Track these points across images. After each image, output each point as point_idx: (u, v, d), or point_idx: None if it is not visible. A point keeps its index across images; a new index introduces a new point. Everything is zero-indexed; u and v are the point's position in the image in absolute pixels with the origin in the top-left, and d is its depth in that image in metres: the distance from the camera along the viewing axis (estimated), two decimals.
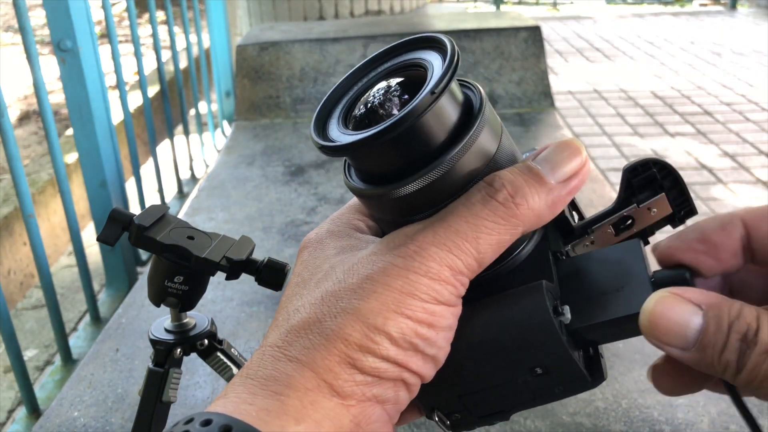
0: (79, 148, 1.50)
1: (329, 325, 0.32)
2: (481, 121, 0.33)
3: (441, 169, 0.32)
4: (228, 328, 1.11)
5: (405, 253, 0.32)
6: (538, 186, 0.33)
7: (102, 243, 0.58)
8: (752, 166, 3.02)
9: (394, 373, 0.32)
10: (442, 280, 0.32)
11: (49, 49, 4.27)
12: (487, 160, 0.33)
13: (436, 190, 0.33)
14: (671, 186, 0.37)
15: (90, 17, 1.44)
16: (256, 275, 0.60)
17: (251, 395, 0.31)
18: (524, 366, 0.34)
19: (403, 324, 0.31)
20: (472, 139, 0.33)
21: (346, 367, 0.31)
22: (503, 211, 0.32)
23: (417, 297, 0.32)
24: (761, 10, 6.61)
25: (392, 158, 0.33)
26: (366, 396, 0.32)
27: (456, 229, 0.32)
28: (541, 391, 0.35)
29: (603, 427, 0.88)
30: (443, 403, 0.36)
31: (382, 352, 0.31)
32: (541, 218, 0.33)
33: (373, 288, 0.32)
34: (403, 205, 0.34)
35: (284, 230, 1.46)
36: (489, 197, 0.32)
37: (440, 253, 0.32)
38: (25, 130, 3.42)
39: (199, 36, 2.37)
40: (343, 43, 2.16)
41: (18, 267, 2.11)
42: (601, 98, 4.00)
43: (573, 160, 0.33)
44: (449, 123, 0.33)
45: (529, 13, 5.78)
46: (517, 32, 2.18)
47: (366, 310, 0.32)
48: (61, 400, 0.97)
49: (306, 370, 0.31)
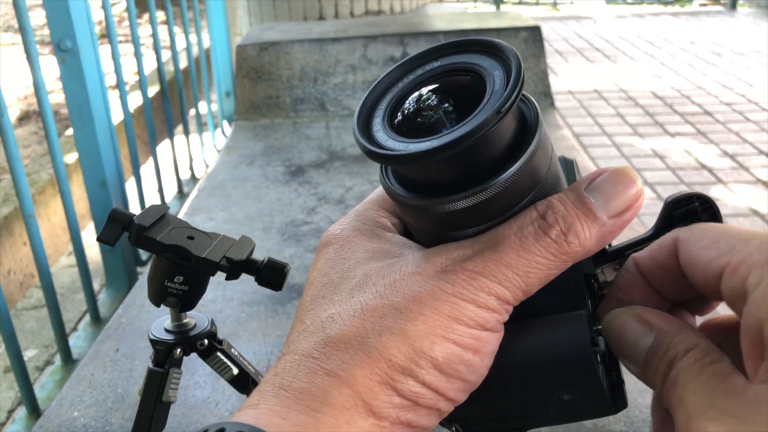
0: (79, 148, 1.50)
1: (373, 343, 0.31)
2: (537, 142, 0.32)
3: (495, 189, 0.31)
4: (228, 328, 1.11)
5: (454, 280, 0.32)
6: (590, 222, 0.32)
7: (102, 243, 0.58)
8: (752, 166, 3.02)
9: (431, 400, 0.32)
10: (490, 308, 0.32)
11: (49, 49, 4.27)
12: (538, 180, 0.33)
13: (486, 209, 0.32)
14: (708, 220, 0.36)
15: (90, 17, 1.44)
16: (256, 275, 0.60)
17: (285, 408, 0.30)
18: (554, 392, 0.34)
19: (450, 349, 0.31)
20: (529, 161, 0.32)
21: (385, 388, 0.31)
22: (555, 249, 0.32)
23: (464, 323, 0.31)
24: (761, 10, 6.61)
25: (444, 172, 0.32)
26: (400, 420, 0.31)
27: (507, 262, 0.31)
28: (563, 414, 0.35)
29: (603, 427, 0.88)
30: (463, 417, 0.36)
31: (424, 377, 0.31)
32: (589, 253, 0.33)
33: (421, 311, 0.31)
34: (447, 219, 0.33)
35: (284, 230, 1.46)
36: (542, 233, 0.32)
37: (489, 284, 0.31)
38: (25, 130, 3.42)
39: (199, 36, 2.37)
40: (343, 43, 2.16)
41: (18, 267, 2.11)
42: (601, 98, 4.00)
43: (628, 193, 0.32)
44: (507, 140, 0.32)
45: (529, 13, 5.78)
46: (517, 32, 2.18)
47: (413, 333, 0.31)
48: (61, 400, 0.97)
49: (344, 387, 0.30)
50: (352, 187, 1.65)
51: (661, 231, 0.36)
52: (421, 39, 2.16)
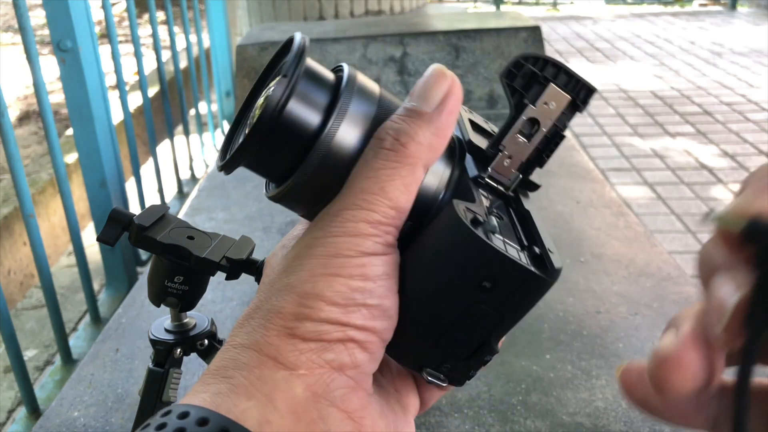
0: (79, 148, 1.50)
1: (266, 307, 0.33)
2: (343, 94, 0.34)
3: (321, 148, 0.33)
4: (228, 328, 1.11)
5: (321, 224, 0.34)
6: (418, 120, 0.34)
7: (102, 243, 0.58)
8: (752, 166, 3.02)
9: (338, 333, 0.32)
10: (362, 234, 0.33)
11: (49, 49, 4.27)
12: (369, 121, 0.34)
13: (330, 167, 0.34)
14: (556, 73, 0.36)
15: (90, 17, 1.44)
16: (256, 275, 0.60)
17: (205, 385, 0.32)
18: (471, 286, 0.33)
19: (334, 282, 0.32)
20: (342, 111, 0.34)
21: (286, 338, 0.32)
22: (394, 155, 0.33)
23: (341, 255, 0.33)
24: (761, 10, 6.61)
25: (279, 155, 0.34)
26: (316, 363, 0.32)
27: (361, 187, 0.33)
28: (503, 306, 0.34)
29: (603, 427, 0.88)
30: (426, 358, 0.36)
31: (320, 315, 0.32)
32: (433, 148, 0.34)
33: (300, 262, 0.33)
34: (309, 194, 0.35)
35: (284, 230, 1.45)
36: (378, 149, 0.34)
37: (351, 212, 0.33)
38: (25, 130, 3.42)
39: (199, 36, 2.37)
40: (343, 43, 2.16)
41: (18, 267, 2.11)
42: (601, 98, 4.00)
43: (441, 83, 0.35)
44: (319, 105, 0.34)
45: (529, 13, 5.79)
46: (517, 32, 2.18)
47: (296, 281, 0.33)
48: (61, 400, 0.97)
49: (248, 350, 0.32)
50: None
51: (516, 108, 0.37)
52: (421, 39, 2.15)
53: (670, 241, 2.44)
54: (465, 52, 2.16)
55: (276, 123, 0.33)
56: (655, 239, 1.40)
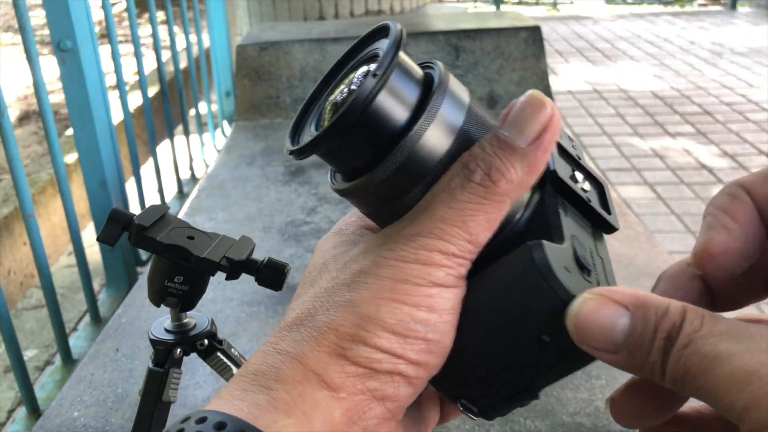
0: (79, 148, 1.50)
1: (321, 318, 0.32)
2: (436, 95, 0.32)
3: (406, 148, 0.32)
4: (228, 328, 1.11)
5: (394, 246, 0.32)
6: (510, 155, 0.32)
7: (102, 243, 0.58)
8: (752, 166, 3.02)
9: (388, 364, 0.31)
10: (435, 263, 0.31)
11: (49, 49, 4.27)
12: (454, 132, 0.33)
13: (409, 171, 0.32)
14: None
15: (90, 17, 1.44)
16: (256, 275, 0.60)
17: (243, 392, 0.31)
18: (531, 336, 0.31)
19: (398, 309, 0.31)
20: (432, 112, 0.32)
21: (336, 358, 0.31)
22: (483, 191, 0.31)
23: (410, 282, 0.31)
24: (761, 10, 6.61)
25: (358, 149, 0.33)
26: (359, 389, 0.31)
27: (441, 216, 0.32)
28: (556, 359, 0.32)
29: (603, 427, 0.88)
30: (465, 391, 0.34)
31: (375, 341, 0.31)
32: (523, 185, 0.32)
33: (365, 280, 0.32)
34: (381, 193, 0.33)
35: (284, 230, 1.45)
36: (467, 180, 0.32)
37: (428, 241, 0.31)
38: (25, 130, 3.42)
39: (199, 36, 2.37)
40: (343, 43, 2.16)
41: (18, 267, 2.11)
42: (601, 98, 4.00)
43: (539, 114, 0.32)
44: (408, 102, 0.32)
45: (529, 13, 5.79)
46: (517, 32, 2.18)
47: (358, 300, 0.31)
48: (61, 400, 0.97)
49: (294, 362, 0.31)
50: None
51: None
52: (421, 39, 2.15)
53: (670, 241, 2.44)
54: (465, 52, 2.16)
55: (363, 115, 0.31)
56: (655, 239, 1.40)
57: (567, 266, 0.31)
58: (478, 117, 0.34)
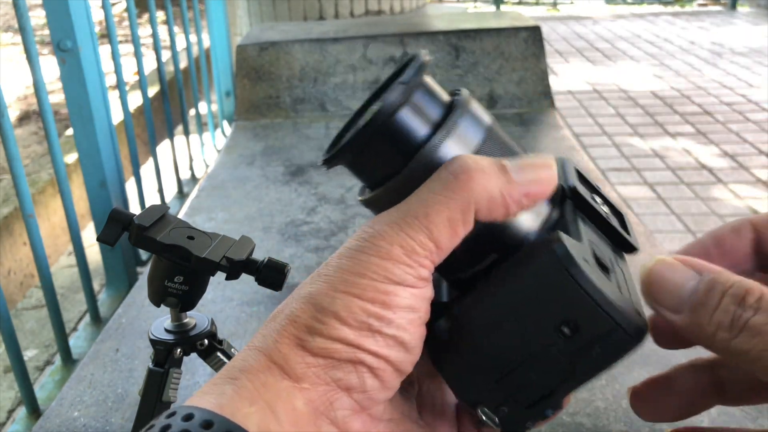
0: (79, 148, 1.50)
1: (285, 311, 0.33)
2: (456, 112, 0.34)
3: (422, 158, 0.33)
4: (228, 328, 1.11)
5: (360, 236, 0.33)
6: (497, 172, 0.32)
7: (102, 243, 0.58)
8: (752, 166, 3.02)
9: (348, 353, 0.31)
10: (394, 259, 0.31)
11: (49, 49, 4.27)
12: (472, 149, 0.34)
13: (411, 184, 0.33)
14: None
15: (90, 17, 1.44)
16: (256, 275, 0.60)
17: (212, 386, 0.32)
18: (548, 327, 0.31)
19: (351, 303, 0.31)
20: (451, 127, 0.33)
21: (295, 349, 0.32)
22: (452, 183, 0.32)
23: (367, 276, 0.31)
24: (761, 10, 6.61)
25: (380, 160, 0.34)
26: (322, 379, 0.31)
27: (408, 207, 0.32)
28: (577, 356, 0.31)
29: (603, 427, 0.88)
30: (483, 395, 0.34)
31: (331, 332, 0.31)
32: (492, 200, 0.32)
33: (326, 272, 0.33)
34: (396, 203, 0.34)
35: (284, 230, 1.45)
36: (442, 169, 0.33)
37: (391, 233, 0.32)
38: (25, 130, 3.42)
39: (199, 36, 2.37)
40: (343, 43, 2.16)
41: (18, 267, 2.11)
42: (601, 98, 4.00)
43: (542, 169, 0.33)
44: (430, 119, 0.34)
45: (529, 13, 5.79)
46: (517, 32, 2.18)
47: (315, 293, 0.32)
48: (61, 400, 0.97)
49: (260, 354, 0.32)
50: (352, 187, 1.65)
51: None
52: (421, 39, 2.15)
53: (670, 241, 2.44)
54: (465, 52, 2.16)
55: (385, 127, 0.32)
56: (655, 239, 1.40)
57: (586, 258, 0.32)
58: (498, 140, 0.35)
